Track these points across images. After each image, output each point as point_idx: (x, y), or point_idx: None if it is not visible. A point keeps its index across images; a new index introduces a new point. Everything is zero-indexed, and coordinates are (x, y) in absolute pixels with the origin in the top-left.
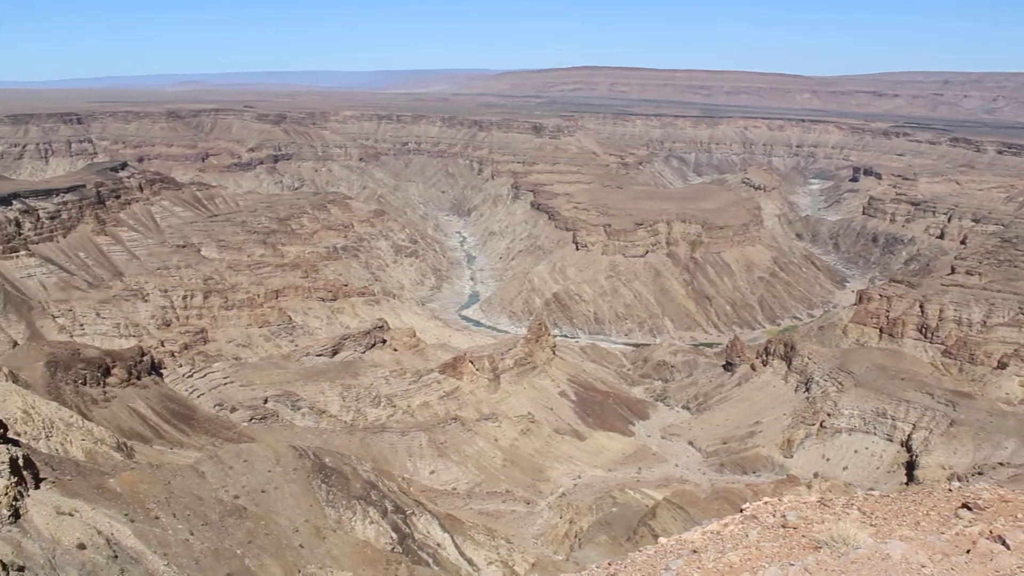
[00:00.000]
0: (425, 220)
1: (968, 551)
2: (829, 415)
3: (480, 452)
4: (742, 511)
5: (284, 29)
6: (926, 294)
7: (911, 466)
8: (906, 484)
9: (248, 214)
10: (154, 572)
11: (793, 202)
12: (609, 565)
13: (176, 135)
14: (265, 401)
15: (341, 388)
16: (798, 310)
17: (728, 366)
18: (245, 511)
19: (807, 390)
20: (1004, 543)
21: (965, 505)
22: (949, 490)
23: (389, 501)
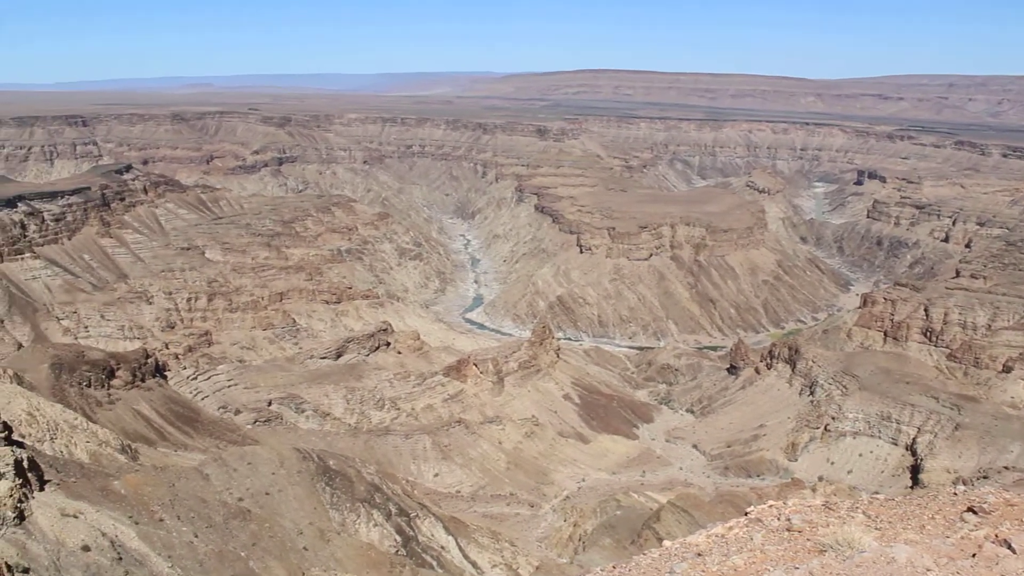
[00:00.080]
0: (429, 223)
1: (974, 555)
2: (833, 418)
3: (484, 455)
4: (746, 514)
5: (288, 32)
6: (931, 297)
7: (916, 470)
8: (911, 488)
9: (252, 217)
10: (158, 574)
11: (797, 205)
12: (613, 568)
13: (181, 138)
14: (269, 404)
15: (345, 391)
16: (802, 313)
17: (732, 369)
18: (249, 513)
19: (811, 393)
20: (1010, 547)
21: (970, 509)
22: (954, 494)
23: (393, 504)
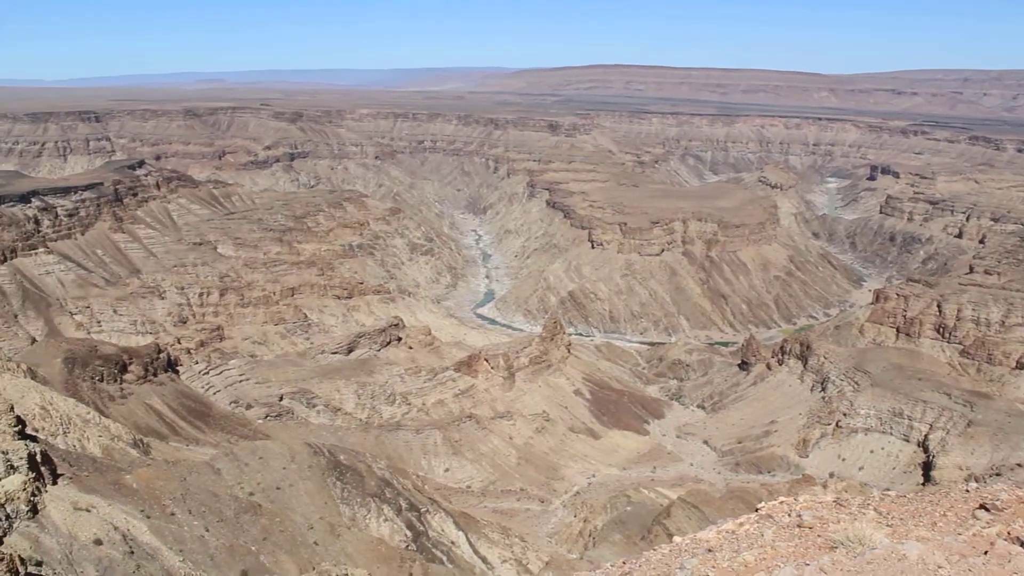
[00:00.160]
0: (441, 218)
1: (986, 552)
2: (845, 415)
3: (495, 450)
4: (757, 510)
5: (300, 28)
6: (944, 293)
7: (928, 467)
8: (923, 485)
9: (264, 212)
10: (170, 568)
11: (810, 201)
12: (624, 564)
13: (193, 133)
14: (280, 398)
15: (356, 386)
16: (814, 309)
17: (743, 365)
18: (260, 508)
19: (823, 389)
20: (1022, 544)
21: (983, 506)
22: (966, 491)
23: (403, 499)
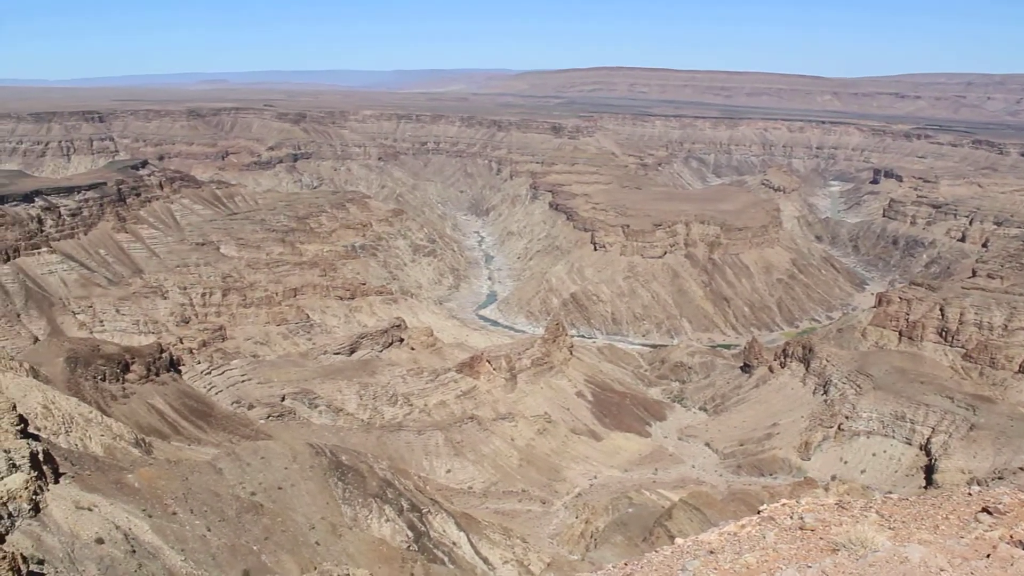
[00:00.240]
0: (443, 219)
1: (988, 556)
2: (847, 418)
3: (496, 451)
4: (759, 512)
5: (304, 29)
6: (946, 297)
7: (930, 470)
8: (924, 488)
9: (267, 212)
10: (171, 567)
11: (813, 204)
12: (625, 565)
13: (196, 133)
14: (282, 399)
15: (358, 386)
16: (817, 312)
17: (746, 368)
18: (262, 508)
19: (825, 392)
20: None
21: (985, 509)
22: (969, 494)
23: (405, 499)
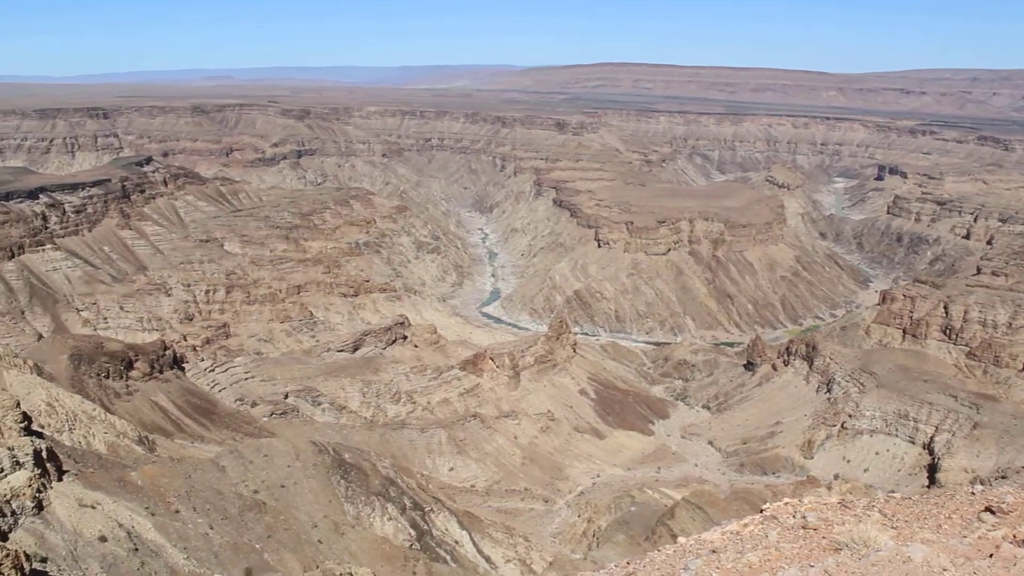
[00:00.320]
0: (447, 216)
1: (991, 555)
2: (850, 416)
3: (499, 450)
4: (762, 512)
5: (308, 25)
6: (951, 295)
7: (933, 469)
8: (928, 487)
9: (271, 209)
10: (174, 565)
11: (817, 201)
12: (628, 564)
13: (201, 130)
14: (286, 396)
15: (361, 384)
16: (820, 310)
17: (749, 366)
18: (264, 506)
19: (828, 391)
20: None
21: (988, 509)
22: (972, 493)
23: (408, 498)
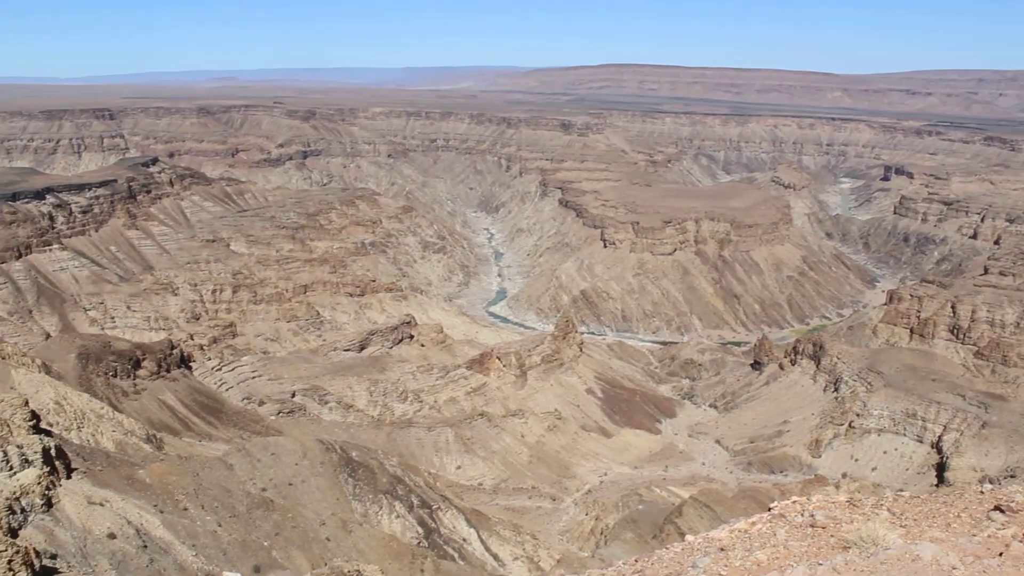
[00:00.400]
0: (453, 216)
1: (1000, 554)
2: (858, 415)
3: (506, 448)
4: (770, 510)
5: (313, 26)
6: (958, 294)
7: (941, 468)
8: (936, 486)
9: (277, 209)
10: (182, 562)
11: (823, 201)
12: (636, 562)
13: (206, 131)
14: (293, 395)
15: (368, 383)
16: (827, 310)
17: (756, 365)
18: (272, 504)
19: (836, 390)
20: None
21: (997, 507)
22: (981, 492)
23: (415, 496)
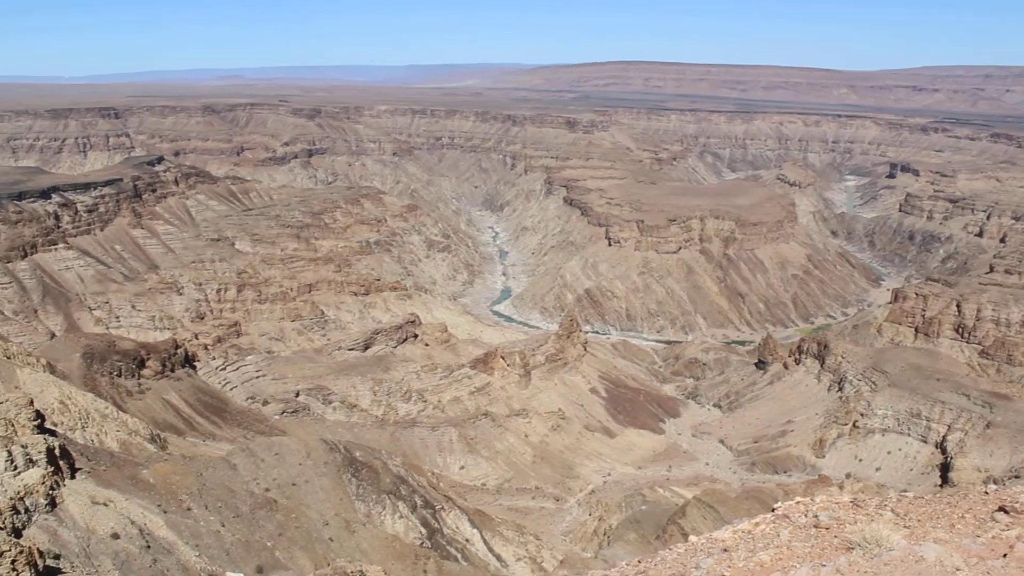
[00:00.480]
0: (458, 215)
1: (1004, 555)
2: (862, 415)
3: (510, 448)
4: (774, 510)
5: (318, 24)
6: (963, 293)
7: (946, 468)
8: (940, 487)
9: (282, 208)
10: (186, 562)
11: (828, 199)
12: (639, 563)
13: (212, 129)
14: (297, 395)
15: (372, 382)
16: (832, 308)
17: (760, 364)
18: (276, 504)
19: (840, 389)
20: None
21: (1002, 508)
22: (985, 493)
23: (419, 496)
